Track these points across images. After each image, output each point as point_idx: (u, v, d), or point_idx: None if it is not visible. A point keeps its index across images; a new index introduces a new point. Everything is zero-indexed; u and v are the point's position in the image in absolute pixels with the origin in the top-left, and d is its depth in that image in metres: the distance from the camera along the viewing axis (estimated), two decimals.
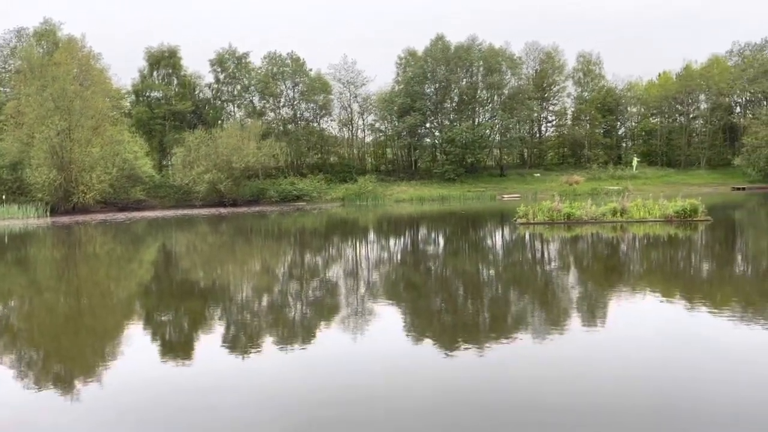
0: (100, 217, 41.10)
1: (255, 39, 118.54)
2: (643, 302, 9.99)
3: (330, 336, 8.48)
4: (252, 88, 65.48)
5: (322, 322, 9.36)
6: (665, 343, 7.44)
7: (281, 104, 66.31)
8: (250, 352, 7.71)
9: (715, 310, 9.05)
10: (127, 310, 11.06)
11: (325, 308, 10.41)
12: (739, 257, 15.53)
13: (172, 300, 11.91)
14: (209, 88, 66.22)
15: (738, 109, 70.18)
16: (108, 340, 8.92)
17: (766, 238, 19.44)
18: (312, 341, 8.24)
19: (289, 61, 64.57)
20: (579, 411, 5.34)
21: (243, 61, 64.58)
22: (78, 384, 6.67)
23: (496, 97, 65.78)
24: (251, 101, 66.80)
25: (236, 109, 67.90)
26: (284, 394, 6.09)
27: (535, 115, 67.75)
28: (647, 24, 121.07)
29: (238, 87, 65.70)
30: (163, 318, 10.25)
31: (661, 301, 10.11)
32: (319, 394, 6.00)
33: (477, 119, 65.74)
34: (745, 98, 69.10)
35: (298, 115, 66.40)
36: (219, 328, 9.23)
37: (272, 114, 66.75)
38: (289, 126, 65.51)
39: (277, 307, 10.83)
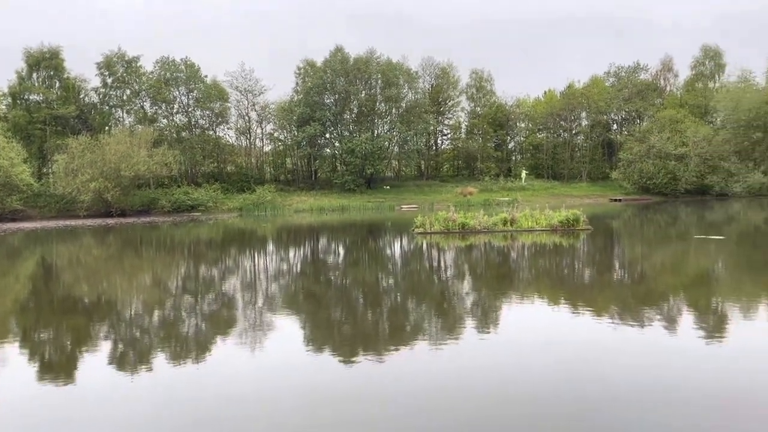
0: None
1: (146, 43, 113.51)
2: (532, 306, 10.55)
3: (224, 350, 8.27)
4: (143, 93, 62.57)
5: (217, 337, 9.11)
6: (551, 346, 7.91)
7: (175, 111, 63.91)
8: (139, 370, 7.35)
9: (597, 312, 9.73)
10: None
11: (220, 322, 10.13)
12: (617, 263, 16.78)
13: (53, 317, 11.11)
14: (96, 92, 62.48)
15: (615, 127, 76.00)
16: None
17: (640, 246, 21.12)
18: (205, 357, 7.99)
19: (183, 67, 62.38)
20: (477, 414, 5.55)
21: (133, 65, 61.54)
22: None
23: (394, 110, 67.05)
24: (142, 107, 63.83)
25: (125, 114, 64.56)
26: (174, 413, 5.87)
27: (432, 128, 69.77)
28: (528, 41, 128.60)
29: (128, 92, 62.51)
30: (40, 336, 9.53)
31: (549, 305, 10.72)
32: (217, 412, 5.84)
33: (376, 131, 66.66)
34: (621, 116, 74.99)
35: (193, 123, 64.26)
36: (104, 346, 8.72)
37: (165, 121, 64.15)
38: (184, 133, 63.22)
39: (168, 322, 10.40)
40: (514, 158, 78.15)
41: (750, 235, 23.42)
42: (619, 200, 57.33)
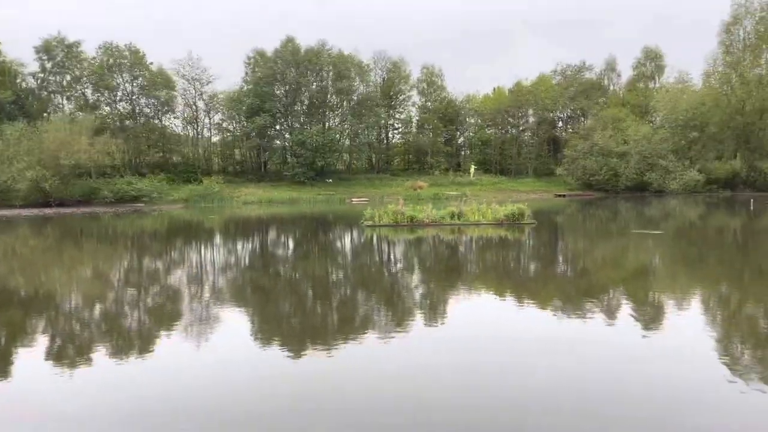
0: None
1: (89, 28, 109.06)
2: (478, 299, 10.73)
3: (168, 345, 8.08)
4: (84, 79, 60.34)
5: (160, 331, 8.89)
6: (498, 340, 8.07)
7: (118, 98, 61.95)
8: (78, 366, 7.11)
9: (540, 304, 9.98)
10: None
11: (163, 316, 9.90)
12: (560, 258, 17.23)
13: None
14: (34, 77, 59.84)
15: (560, 124, 78.02)
16: None
17: (582, 240, 21.76)
18: (148, 351, 7.80)
19: (127, 53, 60.47)
20: (420, 407, 5.61)
21: (74, 49, 59.21)
22: None
23: (345, 103, 66.87)
24: (83, 94, 61.57)
25: (66, 101, 62.12)
26: (113, 409, 5.71)
27: (383, 121, 69.96)
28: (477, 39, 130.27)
29: (68, 77, 60.14)
30: None
31: (494, 297, 10.92)
32: (158, 407, 5.71)
33: (327, 123, 66.34)
34: (567, 114, 77.06)
35: (138, 111, 62.43)
36: (40, 341, 8.38)
37: (108, 108, 62.10)
38: (127, 122, 61.39)
39: (109, 316, 10.09)
40: (463, 153, 79.21)
41: (686, 230, 24.45)
42: (564, 196, 58.84)
